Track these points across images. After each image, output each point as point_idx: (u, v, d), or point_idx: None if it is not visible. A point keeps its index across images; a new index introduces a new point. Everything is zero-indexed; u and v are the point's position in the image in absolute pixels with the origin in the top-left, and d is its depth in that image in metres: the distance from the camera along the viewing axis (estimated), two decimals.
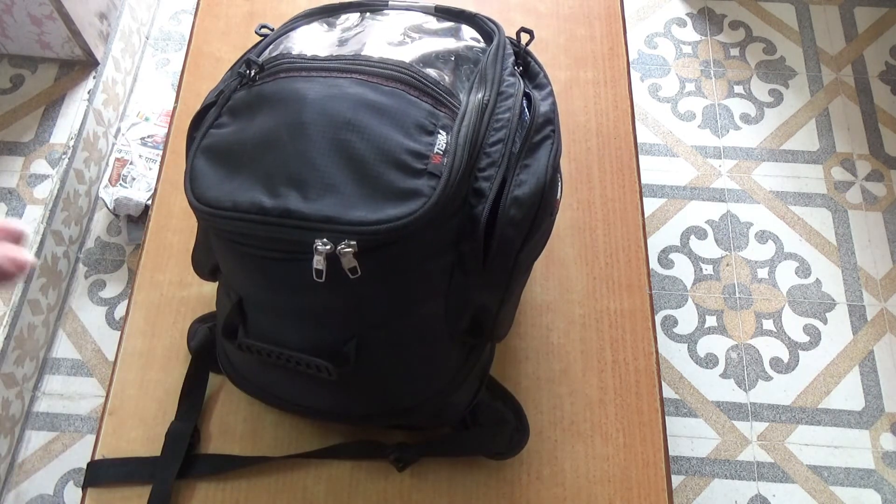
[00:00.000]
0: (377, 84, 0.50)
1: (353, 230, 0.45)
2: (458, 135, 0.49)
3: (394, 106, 0.49)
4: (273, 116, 0.50)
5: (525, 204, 0.51)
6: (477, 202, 0.50)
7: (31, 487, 1.18)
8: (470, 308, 0.56)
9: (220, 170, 0.50)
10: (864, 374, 1.29)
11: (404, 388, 0.59)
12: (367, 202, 0.46)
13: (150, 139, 1.37)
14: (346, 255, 0.45)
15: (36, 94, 1.45)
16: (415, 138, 0.49)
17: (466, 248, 0.51)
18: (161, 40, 1.59)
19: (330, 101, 0.49)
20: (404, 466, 0.64)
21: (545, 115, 0.56)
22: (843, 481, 1.21)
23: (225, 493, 0.63)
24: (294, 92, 0.50)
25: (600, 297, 0.72)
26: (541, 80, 0.60)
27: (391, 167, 0.47)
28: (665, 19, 1.65)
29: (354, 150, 0.47)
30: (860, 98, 1.56)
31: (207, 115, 0.54)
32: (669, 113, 1.54)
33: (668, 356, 1.30)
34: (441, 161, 0.48)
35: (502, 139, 0.52)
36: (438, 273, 0.52)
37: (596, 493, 0.64)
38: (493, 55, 0.56)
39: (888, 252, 1.40)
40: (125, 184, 1.31)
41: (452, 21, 0.60)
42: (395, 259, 0.48)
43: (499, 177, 0.51)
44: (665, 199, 1.45)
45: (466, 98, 0.52)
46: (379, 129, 0.48)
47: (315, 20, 0.59)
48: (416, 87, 0.51)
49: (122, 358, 0.69)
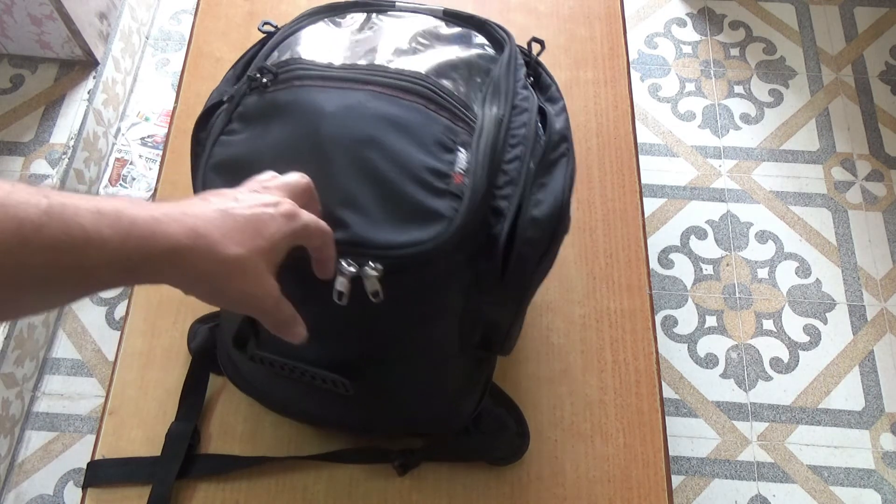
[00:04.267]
0: (395, 97, 0.49)
1: (379, 254, 0.45)
2: (478, 152, 0.48)
3: (414, 121, 0.48)
4: (290, 128, 0.49)
5: (543, 224, 0.51)
6: (495, 221, 0.50)
7: (31, 487, 1.18)
8: (482, 324, 0.56)
9: (235, 184, 0.48)
10: (864, 374, 1.29)
11: (414, 401, 0.59)
12: (390, 223, 0.45)
13: (150, 139, 1.37)
14: (371, 279, 0.44)
15: (36, 94, 1.45)
16: (435, 156, 0.48)
17: (483, 267, 0.51)
18: (161, 40, 1.59)
19: (349, 116, 0.48)
20: (405, 471, 0.64)
21: (560, 132, 0.55)
22: (843, 481, 1.21)
23: (225, 493, 0.63)
24: (311, 103, 0.49)
25: (600, 297, 0.72)
26: (553, 93, 0.59)
27: (414, 186, 0.46)
28: (665, 19, 1.65)
29: (376, 168, 0.46)
30: (860, 98, 1.56)
31: (215, 117, 0.53)
32: (669, 113, 1.54)
33: (668, 356, 1.30)
34: (463, 181, 0.47)
35: (519, 156, 0.51)
36: (455, 291, 0.52)
37: (596, 493, 0.64)
38: (506, 66, 0.55)
39: (888, 252, 1.40)
40: (125, 184, 1.31)
41: (462, 27, 0.59)
42: (416, 280, 0.48)
43: (517, 196, 0.50)
44: (665, 199, 1.45)
45: (481, 111, 0.52)
46: (400, 146, 0.47)
47: (321, 19, 0.58)
48: (433, 100, 0.50)
49: (122, 358, 0.69)
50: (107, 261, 0.33)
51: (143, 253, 0.34)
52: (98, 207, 0.32)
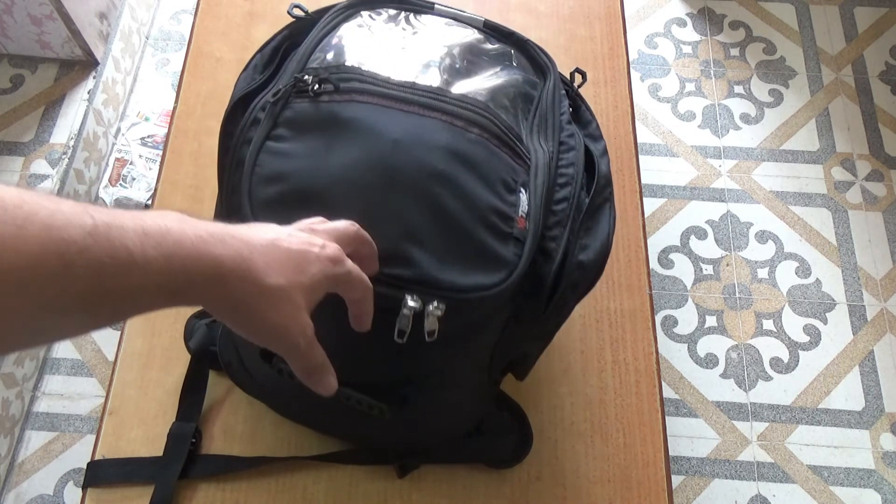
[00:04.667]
0: (462, 130, 0.48)
1: (443, 294, 0.44)
2: (535, 195, 0.48)
3: (481, 158, 0.48)
4: (354, 150, 0.47)
5: (589, 268, 0.51)
6: (543, 262, 0.49)
7: (31, 487, 1.18)
8: (512, 355, 0.57)
9: (291, 199, 0.46)
10: (864, 374, 1.29)
11: (433, 424, 0.59)
12: (456, 265, 0.45)
13: (150, 139, 1.37)
14: (432, 318, 0.44)
15: (36, 94, 1.45)
16: (501, 197, 0.47)
17: (524, 305, 0.50)
18: (161, 40, 1.59)
19: (419, 146, 0.47)
20: (406, 472, 0.64)
21: (606, 176, 0.55)
22: (843, 481, 1.21)
23: (225, 493, 0.63)
24: (376, 126, 0.47)
25: (600, 297, 0.72)
26: (593, 130, 0.58)
27: (481, 228, 0.46)
28: (665, 19, 1.65)
29: (446, 206, 0.46)
30: (860, 98, 1.56)
31: (250, 111, 0.49)
32: (669, 113, 1.54)
33: (668, 356, 1.30)
34: (525, 226, 0.47)
35: (566, 198, 0.51)
36: (495, 327, 0.52)
37: (596, 493, 0.64)
38: (551, 97, 0.54)
39: (888, 252, 1.40)
40: (125, 184, 1.31)
41: (502, 43, 0.58)
42: (465, 320, 0.47)
43: (564, 238, 0.50)
44: (665, 199, 1.45)
45: (532, 145, 0.51)
46: (470, 185, 0.47)
47: (357, 13, 0.56)
48: (496, 135, 0.49)
49: (122, 358, 0.69)
50: (151, 283, 0.32)
51: (187, 275, 0.33)
52: (144, 227, 0.31)
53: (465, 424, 0.62)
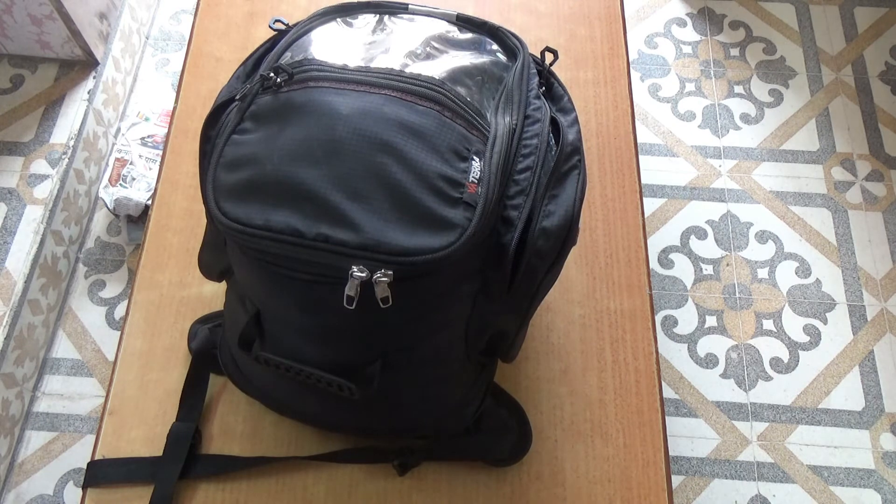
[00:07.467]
0: (412, 103, 0.49)
1: (391, 259, 0.44)
2: (490, 162, 0.48)
3: (429, 128, 0.48)
4: (305, 129, 0.48)
5: (553, 235, 0.51)
6: (505, 231, 0.50)
7: (31, 487, 1.18)
8: (488, 331, 0.57)
9: (246, 184, 0.48)
10: (864, 374, 1.29)
11: (418, 406, 0.59)
12: (402, 227, 0.45)
13: (150, 139, 1.37)
14: (381, 284, 0.44)
15: (36, 94, 1.45)
16: (451, 164, 0.48)
17: (491, 276, 0.51)
18: (161, 40, 1.59)
19: (365, 119, 0.48)
20: (405, 470, 0.64)
21: (573, 143, 0.55)
22: (843, 481, 1.21)
23: (225, 493, 0.63)
24: (326, 104, 0.49)
25: (600, 297, 0.72)
26: (565, 104, 0.59)
27: (428, 194, 0.46)
28: (665, 19, 1.65)
29: (391, 174, 0.46)
30: (860, 98, 1.56)
31: (225, 115, 0.52)
32: (669, 113, 1.54)
33: (668, 356, 1.30)
34: (476, 191, 0.47)
35: (530, 167, 0.51)
36: (463, 299, 0.52)
37: (596, 493, 0.64)
38: (519, 75, 0.55)
39: (888, 252, 1.40)
40: (125, 184, 1.31)
41: (475, 33, 0.59)
42: (425, 288, 0.48)
43: (527, 206, 0.50)
44: (665, 199, 1.45)
45: (494, 120, 0.52)
46: (416, 153, 0.47)
47: (332, 19, 0.58)
48: (448, 107, 0.50)
49: (122, 358, 0.69)
50: None
51: None
52: None
53: (451, 404, 0.61)
